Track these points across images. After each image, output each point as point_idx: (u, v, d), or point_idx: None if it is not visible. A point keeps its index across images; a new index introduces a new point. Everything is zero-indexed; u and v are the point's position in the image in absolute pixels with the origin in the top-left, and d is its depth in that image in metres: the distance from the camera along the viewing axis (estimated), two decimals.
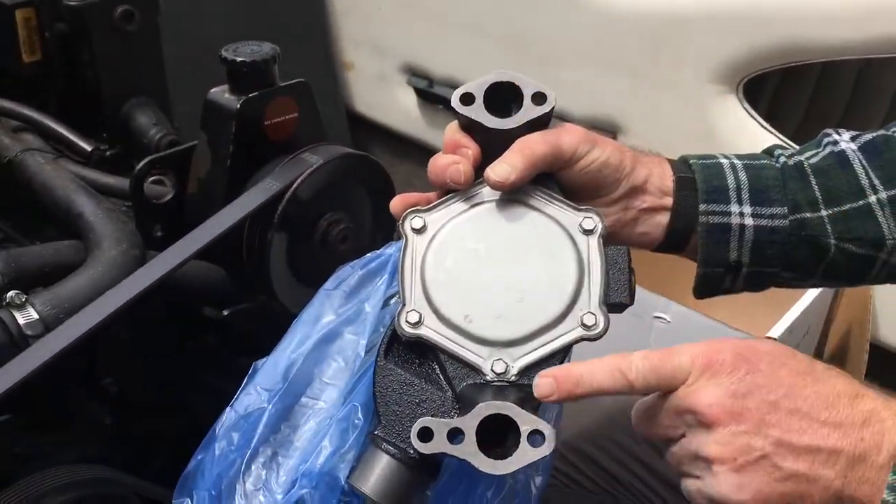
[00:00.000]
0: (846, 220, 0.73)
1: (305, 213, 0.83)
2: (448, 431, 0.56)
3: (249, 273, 0.84)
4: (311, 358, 0.71)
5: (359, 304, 0.73)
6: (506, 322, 0.63)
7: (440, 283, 0.63)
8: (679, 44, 1.53)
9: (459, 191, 0.66)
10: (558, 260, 0.64)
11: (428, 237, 0.65)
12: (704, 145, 1.57)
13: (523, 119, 0.64)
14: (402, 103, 2.15)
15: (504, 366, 0.62)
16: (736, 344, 0.57)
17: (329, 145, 0.89)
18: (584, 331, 0.63)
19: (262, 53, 0.84)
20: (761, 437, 0.54)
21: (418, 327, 0.62)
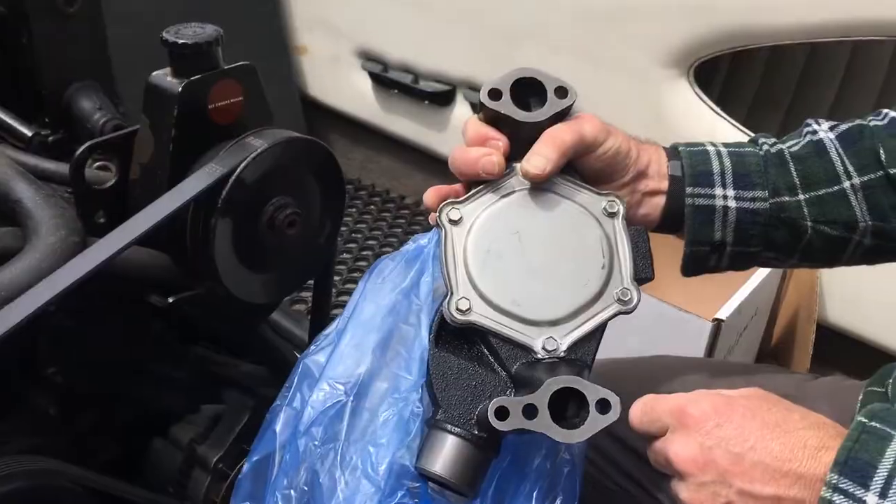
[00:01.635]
0: (821, 204, 0.78)
1: (251, 197, 0.82)
2: (523, 408, 0.59)
3: (194, 259, 0.83)
4: (377, 350, 0.74)
5: (405, 294, 0.76)
6: (549, 303, 0.67)
7: (484, 271, 0.67)
8: (630, 28, 1.54)
9: (489, 182, 0.70)
10: (589, 242, 0.70)
11: (465, 227, 0.68)
12: (656, 129, 1.58)
13: (551, 111, 0.69)
14: (356, 88, 2.13)
15: (554, 343, 0.66)
16: (714, 398, 0.61)
17: (275, 129, 0.88)
18: (620, 305, 0.68)
19: (204, 35, 0.82)
20: (726, 486, 0.58)
21: (468, 314, 0.66)
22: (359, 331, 0.75)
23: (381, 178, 2.27)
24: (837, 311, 1.40)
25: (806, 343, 1.44)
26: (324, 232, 0.92)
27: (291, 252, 0.88)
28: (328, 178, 0.90)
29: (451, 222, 0.68)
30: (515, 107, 0.69)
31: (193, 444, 1.06)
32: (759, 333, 1.51)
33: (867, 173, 0.78)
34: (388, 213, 2.13)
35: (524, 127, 0.69)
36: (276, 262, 0.87)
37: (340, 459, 0.71)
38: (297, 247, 0.89)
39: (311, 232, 0.90)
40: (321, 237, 0.92)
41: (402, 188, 2.22)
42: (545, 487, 0.69)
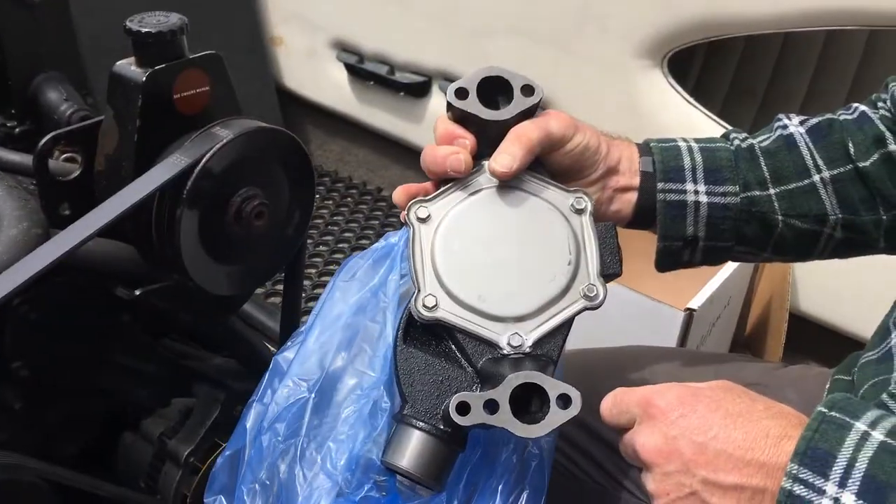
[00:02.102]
0: (791, 198, 0.79)
1: (217, 188, 0.81)
2: (484, 403, 0.60)
3: (160, 251, 0.82)
4: (341, 347, 0.75)
5: (373, 292, 0.76)
6: (515, 299, 0.68)
7: (451, 268, 0.68)
8: (605, 19, 1.54)
9: (458, 180, 0.70)
10: (556, 238, 0.70)
11: (434, 225, 0.69)
12: (630, 119, 1.58)
13: (516, 110, 0.70)
14: (332, 79, 2.12)
15: (520, 339, 0.66)
16: (680, 389, 0.62)
17: (243, 119, 0.87)
18: (586, 301, 0.68)
19: (168, 24, 0.81)
20: (689, 475, 0.59)
21: (435, 310, 0.66)
22: (326, 328, 0.76)
23: (357, 169, 2.26)
24: (809, 299, 1.41)
25: (779, 332, 1.44)
26: (293, 223, 0.91)
27: (259, 243, 0.88)
28: (297, 169, 0.89)
29: (420, 220, 0.69)
30: (482, 105, 0.70)
31: (164, 438, 1.05)
32: (731, 323, 1.51)
33: (837, 167, 0.79)
34: (364, 205, 2.12)
35: (491, 125, 0.70)
36: (243, 254, 0.87)
37: (300, 455, 0.72)
38: (265, 238, 0.88)
39: (280, 223, 0.90)
40: (290, 228, 0.91)
41: (378, 180, 2.22)
42: (512, 481, 0.69)
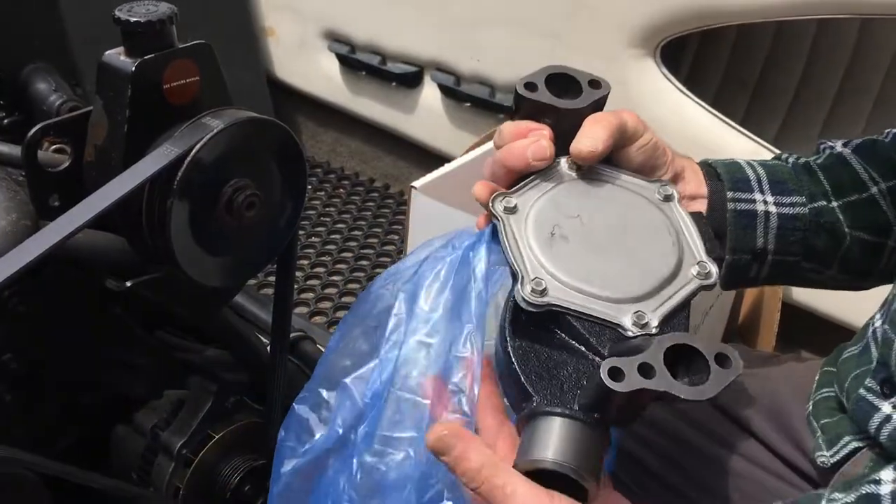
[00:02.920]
0: (854, 209, 0.78)
1: (207, 178, 0.80)
2: (638, 367, 0.53)
3: (150, 242, 0.81)
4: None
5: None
6: (627, 280, 0.63)
7: (552, 253, 0.64)
8: (596, 6, 1.54)
9: (537, 174, 0.69)
10: (653, 221, 0.68)
11: (522, 215, 0.66)
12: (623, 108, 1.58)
13: (590, 99, 0.70)
14: (324, 70, 2.11)
15: (645, 318, 0.61)
16: None
17: (234, 109, 0.86)
18: (701, 280, 0.64)
19: (158, 13, 0.80)
20: None
21: (545, 295, 0.61)
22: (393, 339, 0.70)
23: (350, 160, 2.25)
24: (802, 289, 1.41)
25: (771, 322, 1.45)
26: (284, 214, 0.91)
27: (251, 234, 0.87)
28: (288, 159, 0.89)
29: (507, 210, 0.67)
30: (555, 97, 0.69)
31: (157, 430, 1.05)
32: (724, 313, 1.52)
33: (889, 179, 0.79)
34: (357, 195, 2.12)
35: (565, 116, 0.69)
36: (235, 245, 0.86)
37: None
38: (256, 229, 0.87)
39: (272, 214, 0.89)
40: (282, 219, 0.91)
41: (370, 171, 2.21)
42: None
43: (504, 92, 1.77)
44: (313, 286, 1.75)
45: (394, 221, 1.97)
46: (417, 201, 1.41)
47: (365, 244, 1.90)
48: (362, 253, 1.87)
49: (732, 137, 1.48)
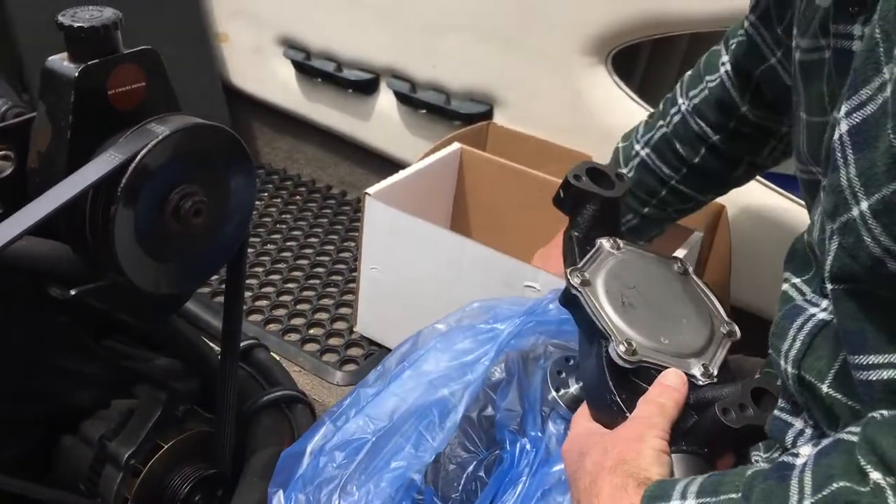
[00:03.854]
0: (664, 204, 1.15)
1: (153, 185, 0.80)
2: (738, 406, 0.69)
3: (95, 250, 0.80)
4: (415, 407, 0.86)
5: (463, 367, 0.89)
6: (685, 339, 0.78)
7: (628, 319, 0.76)
8: (550, 15, 1.55)
9: (591, 254, 0.83)
10: (684, 291, 0.84)
11: (594, 288, 0.79)
12: (577, 117, 1.60)
13: (622, 189, 0.87)
14: (279, 76, 2.10)
15: (709, 370, 0.75)
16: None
17: (181, 115, 0.86)
18: (731, 337, 0.82)
19: (102, 19, 0.80)
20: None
21: (636, 354, 0.73)
22: (412, 382, 0.88)
23: (306, 167, 2.24)
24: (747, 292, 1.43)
25: None
26: (234, 220, 0.90)
27: (199, 241, 0.87)
28: (237, 165, 0.88)
29: (584, 284, 0.78)
30: (598, 187, 0.86)
31: (104, 441, 1.03)
32: None
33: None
34: (313, 203, 2.11)
35: (606, 202, 0.86)
36: (182, 252, 0.85)
37: (342, 487, 0.83)
38: (204, 236, 0.87)
39: (221, 220, 0.89)
40: (231, 225, 0.90)
41: (327, 177, 2.20)
42: None
43: (458, 99, 1.78)
44: (268, 293, 1.73)
45: (350, 228, 1.97)
46: (371, 208, 1.41)
47: (321, 251, 1.89)
48: (318, 260, 1.86)
49: None
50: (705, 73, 1.08)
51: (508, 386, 0.89)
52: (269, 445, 1.13)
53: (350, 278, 1.77)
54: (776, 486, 0.54)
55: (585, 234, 0.86)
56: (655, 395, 0.71)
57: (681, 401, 0.70)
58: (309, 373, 1.51)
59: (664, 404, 0.70)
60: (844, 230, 0.55)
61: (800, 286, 0.75)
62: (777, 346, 0.69)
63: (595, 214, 0.86)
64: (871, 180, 0.51)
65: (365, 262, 1.47)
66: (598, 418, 0.74)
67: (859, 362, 0.57)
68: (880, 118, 0.51)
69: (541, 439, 0.85)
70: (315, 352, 1.56)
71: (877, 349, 0.56)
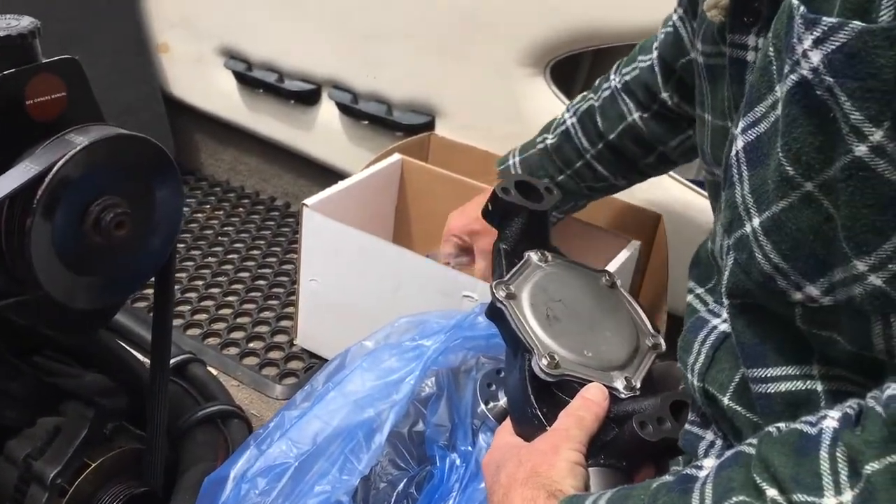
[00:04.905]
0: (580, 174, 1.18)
1: (72, 197, 0.78)
2: (657, 419, 0.69)
3: (12, 263, 0.78)
4: (340, 428, 0.85)
5: (388, 386, 0.88)
6: (609, 352, 0.78)
7: (552, 332, 0.76)
8: (489, 26, 1.56)
9: (518, 267, 0.83)
10: (610, 304, 0.85)
11: (519, 300, 0.79)
12: (516, 127, 1.60)
13: (551, 202, 0.89)
14: (220, 87, 2.08)
15: (631, 383, 0.76)
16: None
17: (102, 126, 0.84)
18: (656, 350, 0.82)
19: (18, 27, 0.78)
20: None
21: (558, 367, 0.74)
22: (336, 403, 0.87)
23: (249, 178, 2.22)
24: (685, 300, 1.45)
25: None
26: (160, 232, 0.89)
27: (122, 254, 0.85)
28: (162, 176, 0.87)
29: (509, 297, 0.79)
30: (525, 199, 0.87)
31: (30, 460, 1.01)
32: None
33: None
34: (256, 215, 2.09)
35: (534, 215, 0.87)
36: (104, 265, 0.84)
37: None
38: (128, 249, 0.85)
39: (145, 232, 0.87)
40: (157, 238, 0.89)
41: (271, 189, 2.18)
42: None
43: (400, 110, 1.78)
44: (207, 307, 1.71)
45: (293, 240, 1.95)
46: (310, 219, 1.40)
47: (263, 263, 1.87)
48: (260, 272, 1.84)
49: None
50: (639, 54, 1.10)
51: (438, 401, 0.88)
52: (203, 462, 1.11)
53: (292, 291, 1.76)
54: (678, 498, 0.54)
55: (513, 247, 0.86)
56: (575, 409, 0.71)
57: (601, 414, 0.70)
58: (248, 387, 1.49)
59: (583, 417, 0.69)
60: (739, 245, 0.55)
61: (703, 296, 0.77)
62: (684, 359, 0.69)
63: (523, 227, 0.87)
64: (763, 197, 0.52)
65: (304, 274, 1.46)
66: (520, 432, 0.74)
67: (756, 375, 0.58)
68: (772, 136, 0.52)
69: (471, 454, 0.85)
70: (254, 365, 1.55)
71: (774, 362, 0.57)
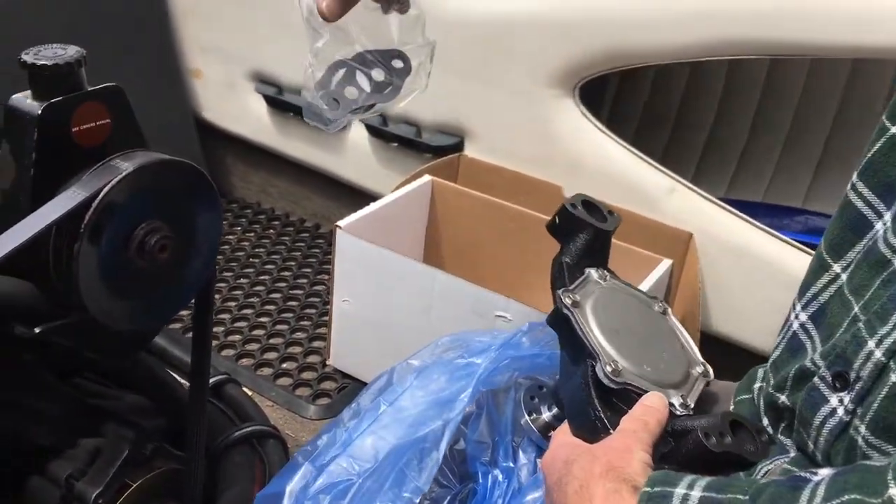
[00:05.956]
0: None
1: (117, 221, 0.80)
2: (718, 433, 0.69)
3: (59, 287, 0.80)
4: (399, 446, 0.86)
5: (441, 404, 0.89)
6: (666, 371, 0.80)
7: (614, 343, 0.78)
8: (514, 49, 1.57)
9: (579, 280, 0.84)
10: (663, 328, 0.87)
11: (584, 310, 0.80)
12: (544, 146, 1.62)
13: (614, 224, 0.89)
14: (252, 111, 2.11)
15: (686, 401, 0.77)
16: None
17: (145, 151, 0.86)
18: (705, 377, 0.84)
19: (65, 56, 0.80)
20: None
21: (622, 376, 0.75)
22: (391, 420, 0.88)
23: (280, 201, 2.24)
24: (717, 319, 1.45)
25: None
26: (200, 254, 0.90)
27: (165, 277, 0.86)
28: (203, 200, 0.88)
29: (575, 305, 0.80)
30: (592, 217, 0.88)
31: (71, 480, 1.02)
32: None
33: None
34: (287, 236, 2.11)
35: (598, 233, 0.88)
36: (148, 288, 0.85)
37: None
38: (170, 271, 0.87)
39: (187, 255, 0.88)
40: (198, 260, 0.90)
41: (301, 211, 2.20)
42: None
43: (429, 132, 1.79)
44: (241, 328, 1.73)
45: (324, 261, 1.97)
46: (342, 240, 1.41)
47: (294, 285, 1.89)
48: (291, 294, 1.85)
49: (650, 174, 1.52)
50: None
51: (479, 418, 0.89)
52: (240, 482, 1.12)
53: (323, 311, 1.77)
54: (787, 493, 0.56)
55: (576, 262, 0.88)
56: (640, 414, 0.72)
57: (663, 421, 0.71)
58: (282, 407, 1.50)
59: (648, 422, 0.71)
60: None
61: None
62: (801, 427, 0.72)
63: (586, 244, 0.88)
64: None
65: (337, 294, 1.47)
66: (580, 435, 0.75)
67: None
68: None
69: (513, 469, 0.86)
70: (288, 386, 1.56)
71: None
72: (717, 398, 0.90)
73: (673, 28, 1.35)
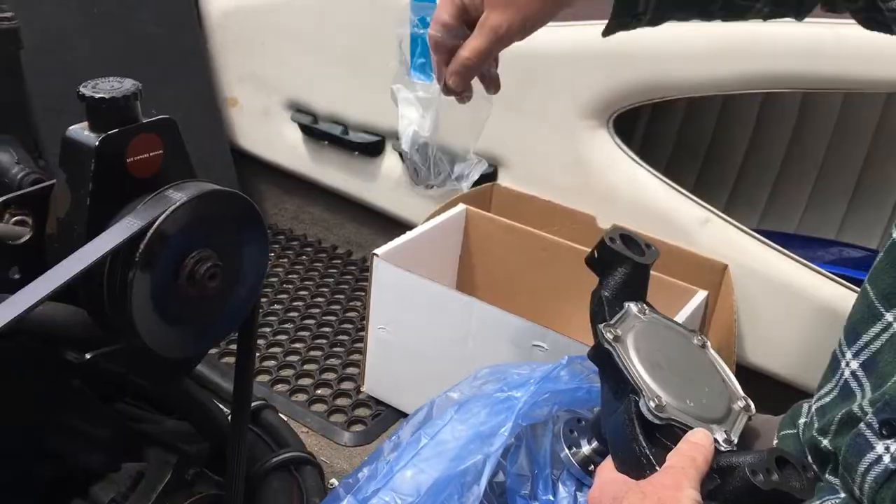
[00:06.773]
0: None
1: (170, 250, 0.82)
2: (765, 469, 0.69)
3: (111, 314, 0.82)
4: (440, 482, 0.86)
5: (482, 438, 0.89)
6: (708, 406, 0.79)
7: (656, 378, 0.78)
8: (550, 81, 1.59)
9: (619, 314, 0.85)
10: (704, 363, 0.87)
11: (625, 344, 0.81)
12: (579, 178, 1.63)
13: (652, 258, 0.90)
14: (287, 139, 2.14)
15: (730, 437, 0.77)
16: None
17: (197, 182, 0.88)
18: (747, 412, 0.83)
19: (122, 89, 0.83)
20: None
21: (665, 411, 0.75)
22: (432, 454, 0.88)
23: (312, 228, 2.27)
24: (752, 350, 1.44)
25: None
26: (246, 283, 0.92)
27: (213, 305, 0.88)
28: (250, 230, 0.90)
29: (616, 340, 0.81)
30: (630, 251, 0.89)
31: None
32: None
33: None
34: (320, 263, 2.13)
35: (637, 267, 0.88)
36: (196, 316, 0.87)
37: None
38: (218, 299, 0.88)
39: (234, 283, 0.90)
40: (244, 289, 0.92)
41: (333, 238, 2.23)
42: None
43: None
44: (275, 354, 1.74)
45: (357, 288, 1.99)
46: (379, 268, 1.43)
47: (327, 311, 1.91)
48: (324, 320, 1.87)
49: (683, 205, 1.53)
50: None
51: (518, 451, 0.89)
52: None
53: (357, 338, 1.78)
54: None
55: (615, 296, 0.88)
56: (686, 450, 0.72)
57: (709, 458, 0.71)
58: (316, 433, 1.51)
59: (696, 458, 0.71)
60: None
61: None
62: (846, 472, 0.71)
63: (625, 278, 0.89)
64: None
65: (373, 322, 1.49)
66: (624, 470, 0.75)
67: None
68: None
69: (553, 503, 0.86)
70: (322, 412, 1.57)
71: None
72: (759, 433, 0.90)
73: (710, 61, 1.36)
